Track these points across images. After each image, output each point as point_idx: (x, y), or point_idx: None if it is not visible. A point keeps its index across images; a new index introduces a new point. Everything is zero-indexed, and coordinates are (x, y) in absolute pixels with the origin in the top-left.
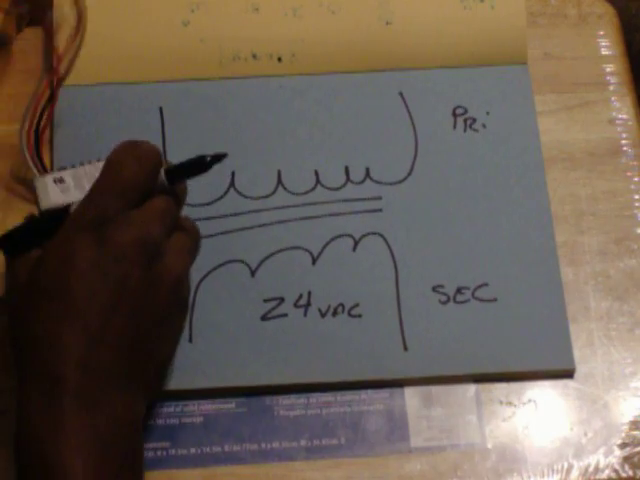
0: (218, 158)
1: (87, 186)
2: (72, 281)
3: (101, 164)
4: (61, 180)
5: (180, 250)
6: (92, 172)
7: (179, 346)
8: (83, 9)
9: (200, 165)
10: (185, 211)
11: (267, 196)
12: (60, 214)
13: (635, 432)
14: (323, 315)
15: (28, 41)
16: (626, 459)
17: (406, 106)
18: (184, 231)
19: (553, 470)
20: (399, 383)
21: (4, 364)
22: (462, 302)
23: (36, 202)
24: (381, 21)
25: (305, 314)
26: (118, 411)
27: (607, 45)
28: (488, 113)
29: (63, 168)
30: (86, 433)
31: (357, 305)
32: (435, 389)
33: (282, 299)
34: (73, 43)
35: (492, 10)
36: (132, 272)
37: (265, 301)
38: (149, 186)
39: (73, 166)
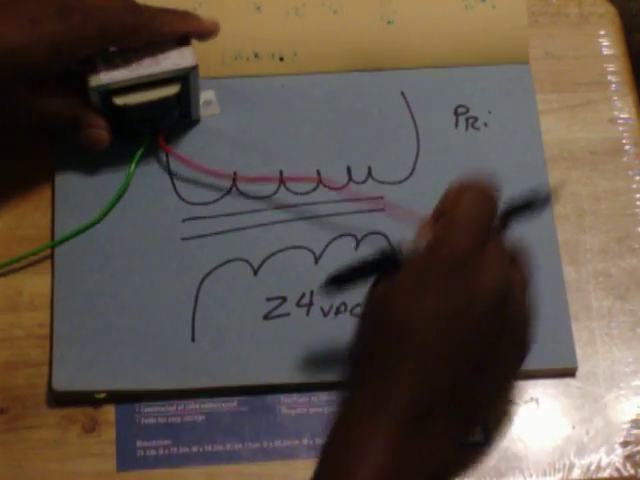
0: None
1: (136, 66)
2: (419, 320)
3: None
4: (110, 59)
5: (523, 293)
6: (140, 52)
7: (181, 344)
8: None
9: (539, 202)
10: (187, 210)
11: (269, 196)
12: (387, 260)
13: (637, 431)
14: (325, 314)
15: None
16: (628, 458)
17: (408, 105)
18: (518, 268)
19: (555, 469)
20: None
21: (6, 363)
22: None
23: (85, 82)
24: (383, 20)
25: (307, 313)
26: (426, 454)
27: (608, 45)
28: (490, 112)
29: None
30: (391, 459)
31: (359, 304)
32: None
33: (284, 298)
34: None
35: (493, 10)
36: (483, 321)
37: (267, 300)
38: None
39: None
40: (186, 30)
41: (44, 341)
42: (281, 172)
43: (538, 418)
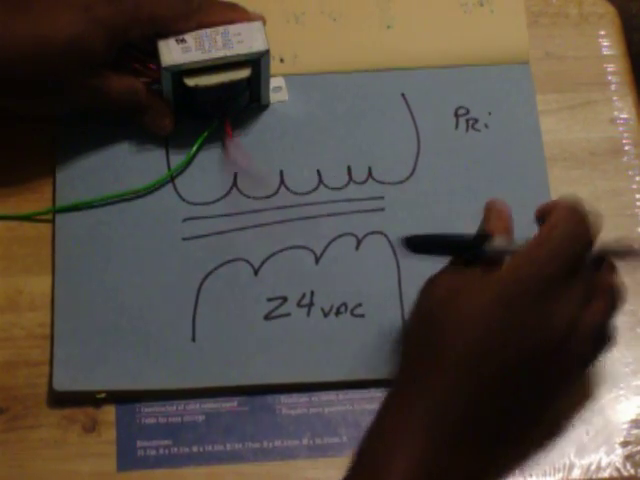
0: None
1: (207, 47)
2: (475, 332)
3: (221, 28)
4: (183, 40)
5: (588, 336)
6: (212, 35)
7: (182, 344)
8: None
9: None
10: (188, 210)
11: (270, 196)
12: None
13: (636, 430)
14: (326, 315)
15: None
16: (628, 457)
17: (408, 106)
18: (594, 309)
19: (555, 469)
20: None
21: (7, 363)
22: None
23: (158, 61)
24: (382, 26)
25: (308, 313)
26: (453, 465)
27: (608, 45)
28: (490, 113)
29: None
30: (421, 457)
31: (360, 305)
32: None
33: (285, 298)
34: None
35: (492, 14)
36: (537, 355)
37: (268, 300)
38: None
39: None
40: (233, 20)
41: (44, 341)
42: (281, 172)
43: None
